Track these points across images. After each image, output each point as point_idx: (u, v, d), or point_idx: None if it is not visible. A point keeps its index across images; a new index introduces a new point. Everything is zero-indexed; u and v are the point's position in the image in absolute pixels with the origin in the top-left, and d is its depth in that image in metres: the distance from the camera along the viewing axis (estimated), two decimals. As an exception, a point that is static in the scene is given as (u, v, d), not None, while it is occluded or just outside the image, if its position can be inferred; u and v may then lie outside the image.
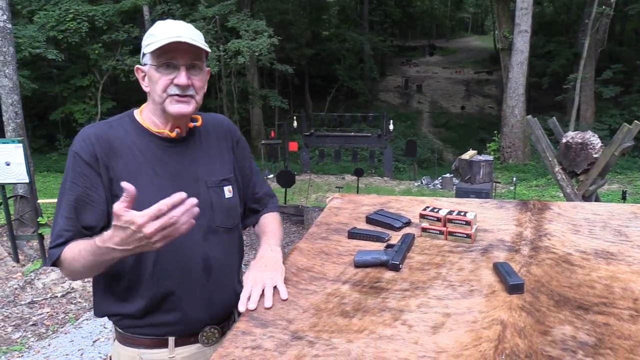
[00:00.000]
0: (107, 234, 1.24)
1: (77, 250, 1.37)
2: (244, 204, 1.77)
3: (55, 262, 1.43)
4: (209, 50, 1.50)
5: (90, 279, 1.59)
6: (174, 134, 1.54)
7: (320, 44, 27.41)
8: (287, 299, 1.33)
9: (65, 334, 4.53)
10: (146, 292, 1.50)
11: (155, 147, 1.52)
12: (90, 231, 1.43)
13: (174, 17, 17.26)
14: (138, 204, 1.28)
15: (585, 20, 17.47)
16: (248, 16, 17.49)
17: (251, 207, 1.81)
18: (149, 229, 1.17)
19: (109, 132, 1.50)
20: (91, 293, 5.36)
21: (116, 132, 1.51)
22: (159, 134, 1.54)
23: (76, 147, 1.47)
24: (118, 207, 1.17)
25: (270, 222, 1.75)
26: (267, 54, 16.45)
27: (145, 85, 1.53)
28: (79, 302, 5.16)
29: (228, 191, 1.62)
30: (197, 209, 1.22)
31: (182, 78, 1.45)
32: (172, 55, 1.44)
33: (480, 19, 54.74)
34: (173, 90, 1.46)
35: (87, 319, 4.79)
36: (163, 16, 17.88)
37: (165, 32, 1.43)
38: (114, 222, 1.19)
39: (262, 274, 1.42)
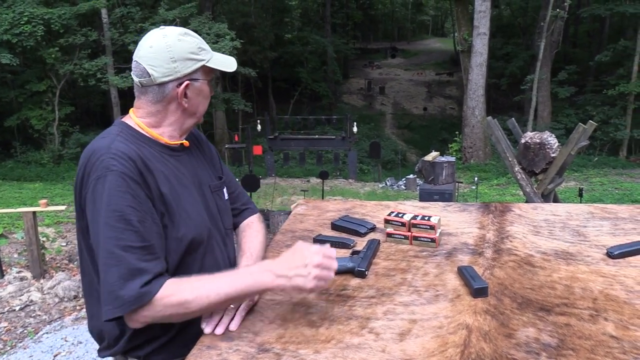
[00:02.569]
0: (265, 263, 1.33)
1: (202, 286, 1.26)
2: None
3: (137, 306, 1.22)
4: None
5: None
6: (187, 143, 1.53)
7: (283, 47, 27.36)
8: (235, 330, 1.27)
9: (24, 349, 4.38)
10: None
11: (170, 157, 1.47)
12: None
13: (133, 21, 16.98)
14: (182, 218, 1.39)
15: (541, 23, 17.99)
16: (209, 19, 17.32)
17: (232, 208, 1.74)
18: (315, 259, 1.26)
19: (131, 146, 1.37)
20: (51, 306, 5.20)
21: (135, 146, 1.39)
22: (171, 145, 1.48)
23: (118, 167, 1.29)
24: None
25: (249, 238, 1.65)
26: (230, 57, 16.31)
27: (185, 101, 1.44)
28: (39, 315, 5.00)
29: (225, 193, 1.64)
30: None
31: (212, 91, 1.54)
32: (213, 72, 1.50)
33: (440, 22, 55.71)
34: None
35: (47, 333, 4.64)
36: (122, 19, 17.56)
37: (209, 50, 1.47)
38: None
39: None
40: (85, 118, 21.23)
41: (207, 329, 1.27)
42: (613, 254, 1.57)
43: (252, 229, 1.69)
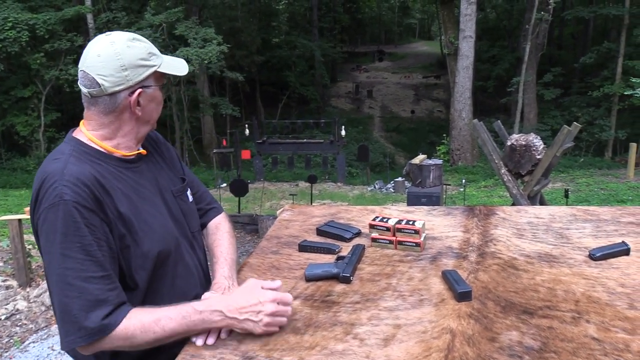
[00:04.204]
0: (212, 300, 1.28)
1: (150, 320, 1.23)
2: None
3: (98, 338, 1.21)
4: None
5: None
6: (144, 151, 1.48)
7: (271, 51, 27.34)
8: (224, 338, 1.26)
9: (10, 359, 4.33)
10: None
11: (126, 171, 1.41)
12: None
13: (119, 26, 16.89)
14: (145, 234, 1.35)
15: (526, 26, 18.13)
16: (196, 24, 17.27)
17: (197, 208, 1.70)
18: (269, 307, 1.24)
19: (86, 167, 1.31)
20: (37, 314, 5.14)
21: (88, 165, 1.32)
22: (127, 157, 1.43)
23: (70, 196, 1.23)
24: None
25: (219, 241, 1.62)
26: (217, 62, 16.28)
27: (138, 110, 1.38)
28: (25, 324, 4.94)
29: (190, 195, 1.60)
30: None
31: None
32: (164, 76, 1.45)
33: (427, 25, 55.98)
34: None
35: (33, 342, 4.59)
36: (108, 24, 17.45)
37: (158, 51, 1.43)
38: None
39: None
40: (71, 124, 20.65)
41: (198, 341, 1.25)
42: (595, 256, 1.58)
43: (220, 231, 1.66)
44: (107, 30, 17.38)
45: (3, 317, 5.04)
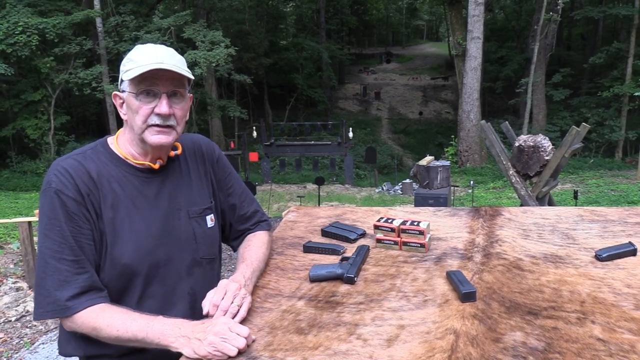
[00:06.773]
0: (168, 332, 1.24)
1: (118, 322, 1.29)
2: (230, 225, 1.69)
3: (64, 316, 1.31)
4: (192, 77, 1.43)
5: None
6: (156, 166, 1.47)
7: (278, 53, 27.42)
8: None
9: (20, 360, 4.36)
10: None
11: (134, 178, 1.44)
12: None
13: (128, 29, 17.01)
14: (121, 241, 1.39)
15: (535, 27, 18.07)
16: (204, 27, 17.34)
17: (240, 229, 1.71)
18: (217, 328, 1.22)
19: (84, 163, 1.40)
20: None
21: (92, 163, 1.41)
22: (139, 165, 1.46)
23: (55, 184, 1.34)
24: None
25: (252, 248, 1.62)
26: (225, 65, 16.35)
27: (123, 113, 1.44)
28: (35, 326, 4.98)
29: (210, 220, 1.57)
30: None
31: (163, 107, 1.38)
32: (152, 82, 1.37)
33: (434, 26, 55.88)
34: (153, 119, 1.39)
35: (43, 343, 4.62)
36: (117, 28, 17.58)
37: (145, 57, 1.36)
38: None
39: (238, 286, 1.36)
40: (81, 127, 21.19)
41: (212, 310, 1.31)
42: (601, 257, 1.57)
43: (255, 238, 1.66)
44: (115, 34, 17.57)
45: (13, 319, 5.08)
